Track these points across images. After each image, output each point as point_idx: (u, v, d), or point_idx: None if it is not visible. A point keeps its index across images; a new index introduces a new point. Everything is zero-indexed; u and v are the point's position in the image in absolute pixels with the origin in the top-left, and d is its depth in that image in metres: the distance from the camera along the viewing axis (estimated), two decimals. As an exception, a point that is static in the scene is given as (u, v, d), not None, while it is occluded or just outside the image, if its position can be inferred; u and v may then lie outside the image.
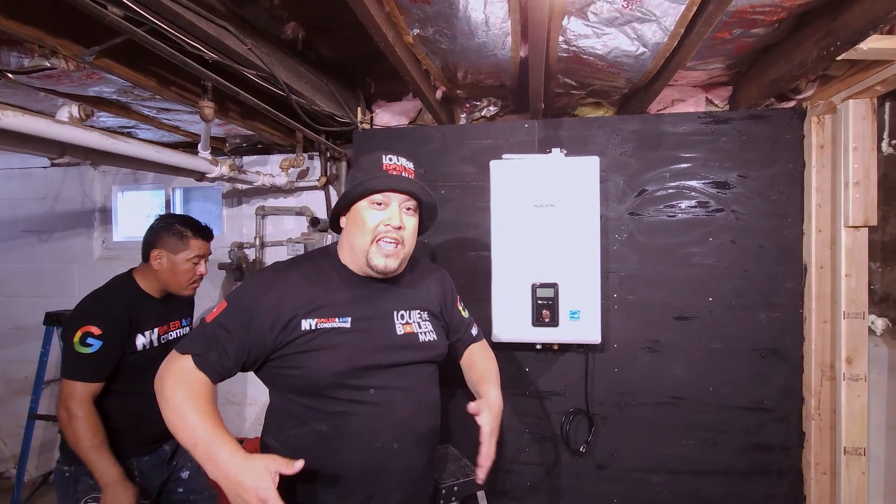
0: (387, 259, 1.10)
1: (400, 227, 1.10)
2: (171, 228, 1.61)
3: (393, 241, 1.10)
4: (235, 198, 2.84)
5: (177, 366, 1.01)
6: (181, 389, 0.97)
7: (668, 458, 2.07)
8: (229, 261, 2.67)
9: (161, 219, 1.66)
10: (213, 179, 2.15)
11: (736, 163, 2.02)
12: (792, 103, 2.00)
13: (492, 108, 2.35)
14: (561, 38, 1.55)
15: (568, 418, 2.11)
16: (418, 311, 1.21)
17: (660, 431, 2.08)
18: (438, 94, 2.09)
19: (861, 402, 1.72)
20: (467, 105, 2.37)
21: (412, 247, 1.17)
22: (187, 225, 1.64)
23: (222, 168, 2.08)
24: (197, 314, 1.93)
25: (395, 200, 1.11)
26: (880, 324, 1.72)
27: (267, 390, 1.14)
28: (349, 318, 1.09)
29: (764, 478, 2.02)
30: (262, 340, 1.04)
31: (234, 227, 2.85)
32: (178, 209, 3.04)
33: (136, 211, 3.15)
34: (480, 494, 1.79)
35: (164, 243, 1.60)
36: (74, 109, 1.55)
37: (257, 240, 2.70)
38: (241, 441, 2.33)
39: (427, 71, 1.86)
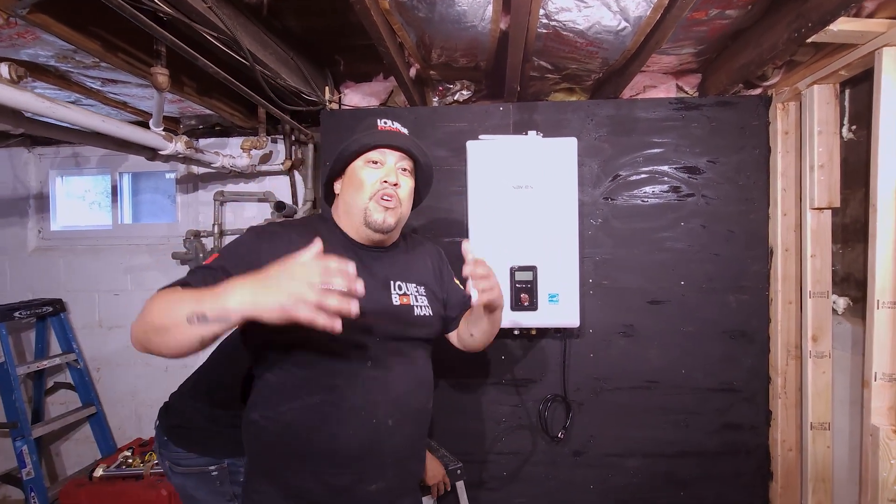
0: (385, 213, 1.07)
1: (396, 185, 1.08)
2: None
3: (389, 197, 1.07)
4: (191, 183, 2.65)
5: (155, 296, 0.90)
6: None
7: (643, 441, 2.08)
8: (185, 250, 2.48)
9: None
10: (167, 158, 1.98)
11: (706, 148, 2.05)
12: (758, 91, 2.05)
13: (465, 91, 2.29)
14: (542, 12, 1.51)
15: (546, 405, 2.08)
16: (415, 284, 1.17)
17: (635, 416, 2.08)
18: (412, 71, 2.02)
19: (826, 379, 1.78)
20: (440, 88, 2.30)
21: (408, 210, 1.15)
22: None
23: (177, 144, 1.91)
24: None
25: (391, 158, 1.10)
26: (842, 303, 1.78)
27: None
28: None
29: (734, 457, 2.06)
30: None
31: (189, 215, 2.66)
32: (125, 196, 2.81)
33: (77, 198, 2.89)
34: (459, 485, 1.72)
35: None
36: (4, 69, 1.37)
37: (216, 227, 2.52)
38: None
39: (402, 45, 1.78)
